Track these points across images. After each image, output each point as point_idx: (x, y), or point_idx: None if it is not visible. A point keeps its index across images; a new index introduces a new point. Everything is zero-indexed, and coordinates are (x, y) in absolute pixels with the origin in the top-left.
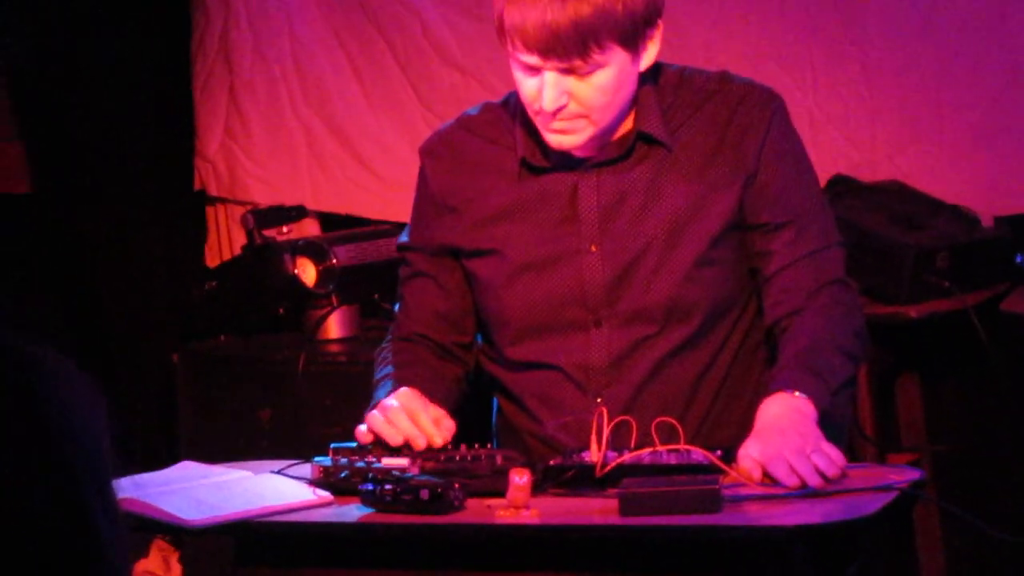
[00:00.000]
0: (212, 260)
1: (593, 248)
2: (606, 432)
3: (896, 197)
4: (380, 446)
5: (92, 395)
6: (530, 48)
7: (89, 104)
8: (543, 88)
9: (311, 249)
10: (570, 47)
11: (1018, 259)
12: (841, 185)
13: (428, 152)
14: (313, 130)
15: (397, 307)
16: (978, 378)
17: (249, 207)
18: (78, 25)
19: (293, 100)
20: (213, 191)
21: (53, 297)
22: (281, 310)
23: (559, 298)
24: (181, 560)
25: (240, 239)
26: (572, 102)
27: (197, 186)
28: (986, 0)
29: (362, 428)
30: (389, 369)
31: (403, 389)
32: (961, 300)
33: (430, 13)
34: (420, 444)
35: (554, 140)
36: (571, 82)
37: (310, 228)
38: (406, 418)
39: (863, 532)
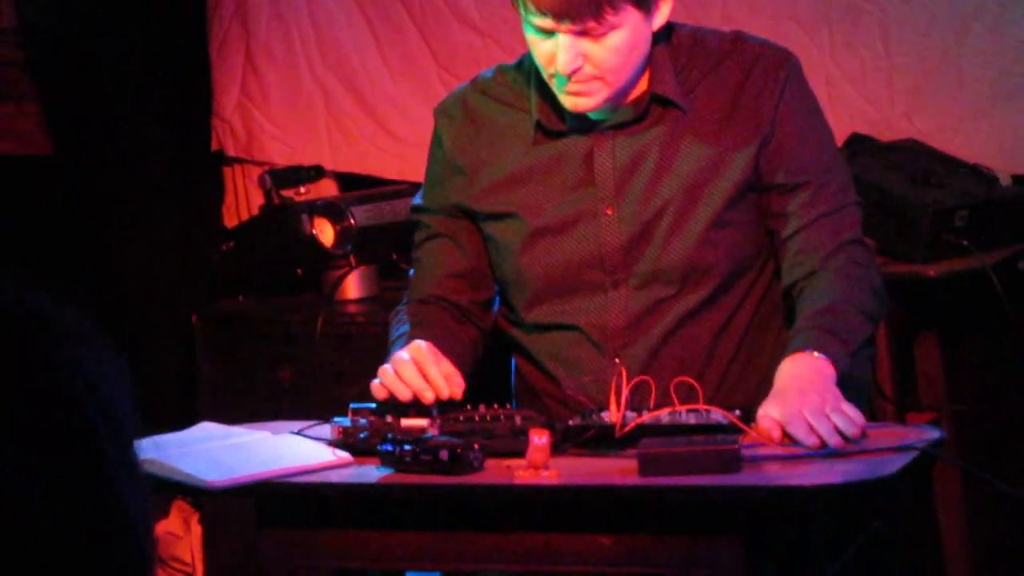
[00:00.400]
0: (230, 220)
1: (609, 211)
2: (625, 392)
3: (913, 156)
4: (395, 407)
5: (113, 356)
6: (543, 11)
7: (106, 65)
8: (557, 51)
9: (329, 209)
10: (584, 9)
11: None
12: (858, 144)
13: (443, 113)
14: (330, 90)
15: (412, 271)
16: (997, 337)
17: (266, 167)
18: None
19: (310, 60)
20: (230, 151)
21: (72, 258)
22: (299, 271)
23: (577, 260)
24: (201, 521)
25: (258, 199)
26: (587, 64)
27: (215, 146)
28: None
29: (376, 383)
30: (404, 328)
31: (415, 342)
32: (979, 259)
33: None
34: (428, 397)
35: (569, 102)
36: (585, 44)
37: (328, 188)
38: (415, 370)
39: (883, 492)
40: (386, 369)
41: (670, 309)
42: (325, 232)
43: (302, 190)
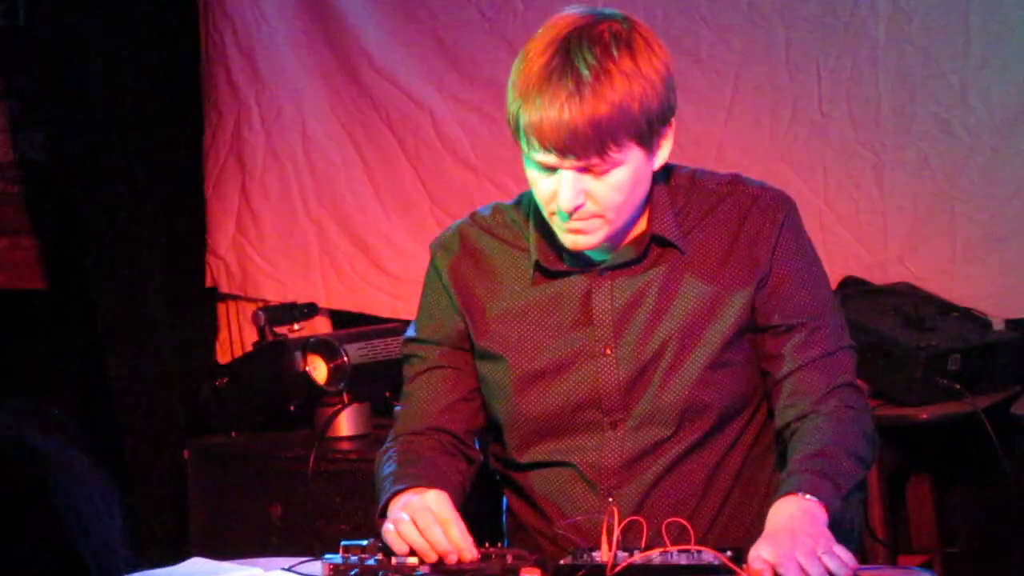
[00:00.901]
0: (224, 356)
1: (608, 351)
2: (616, 532)
3: (907, 299)
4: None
5: (105, 490)
6: (547, 147)
7: (102, 199)
8: (560, 187)
9: (322, 347)
10: (588, 145)
11: None
12: (852, 287)
13: (441, 247)
14: (324, 228)
15: (399, 407)
16: (989, 481)
17: (260, 304)
18: (92, 120)
19: (304, 198)
20: (225, 288)
21: (66, 393)
22: (292, 407)
23: (574, 402)
24: None
25: (251, 336)
26: (589, 201)
27: (209, 283)
28: (999, 100)
29: (390, 530)
30: (392, 467)
31: (433, 493)
32: (972, 403)
33: (441, 112)
34: (452, 560)
35: (570, 240)
36: (588, 180)
37: (321, 326)
38: (440, 531)
39: None
40: (406, 523)
41: (667, 450)
42: (318, 369)
43: (296, 327)
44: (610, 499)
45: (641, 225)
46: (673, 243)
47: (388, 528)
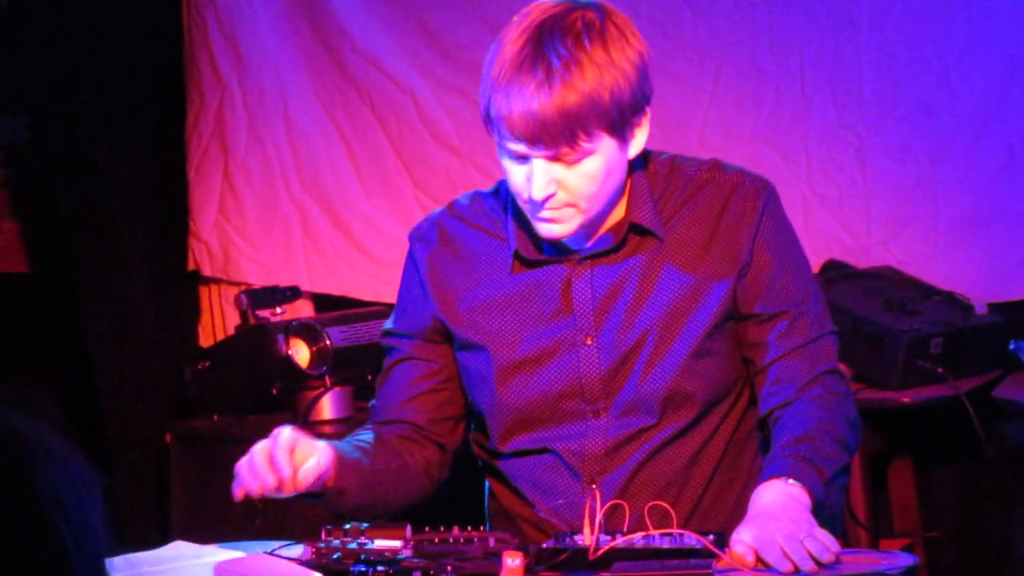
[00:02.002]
0: (206, 340)
1: (589, 341)
2: (599, 515)
3: (889, 283)
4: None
5: (87, 474)
6: (517, 136)
7: (85, 183)
8: (531, 176)
9: (305, 330)
10: (557, 135)
11: (1011, 346)
12: (834, 271)
13: (419, 238)
14: (307, 211)
15: (374, 401)
16: (971, 464)
17: (243, 287)
18: (74, 103)
19: (287, 181)
20: (207, 271)
21: (48, 376)
22: (275, 390)
23: (557, 392)
24: None
25: (234, 319)
26: (561, 190)
27: (191, 266)
28: (982, 85)
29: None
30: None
31: (278, 429)
32: (954, 387)
33: (424, 94)
34: (256, 488)
35: (544, 229)
36: (559, 170)
37: (304, 309)
38: (262, 458)
39: None
40: (243, 458)
41: (649, 438)
42: (301, 352)
43: (278, 310)
44: (593, 485)
45: (619, 213)
46: (652, 231)
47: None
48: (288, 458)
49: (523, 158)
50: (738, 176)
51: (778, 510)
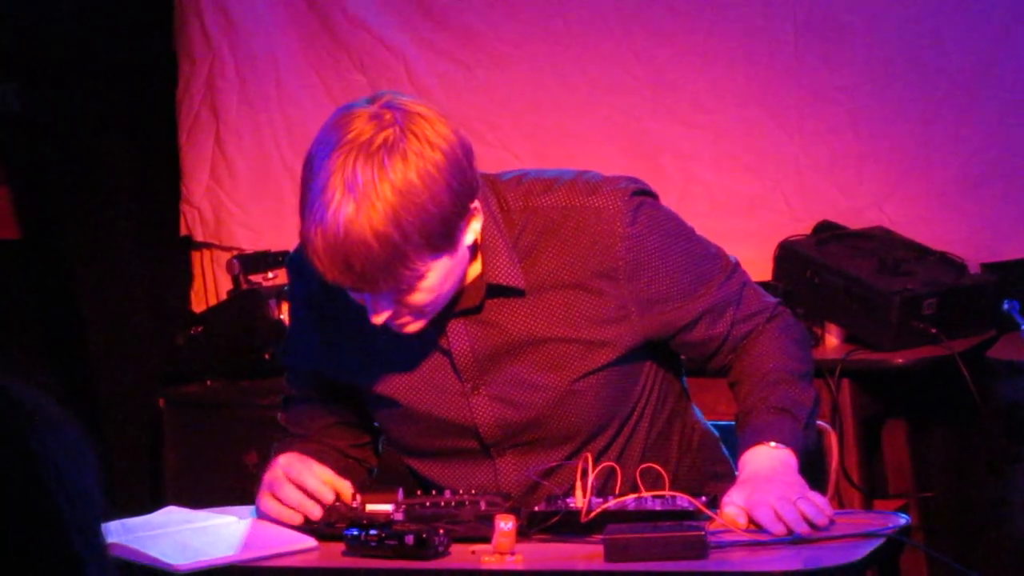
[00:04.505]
0: (198, 305)
1: (478, 391)
2: (591, 478)
3: (882, 243)
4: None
5: (81, 440)
6: (339, 283)
7: (75, 149)
8: (368, 306)
9: None
10: (378, 281)
11: (1005, 306)
12: (827, 231)
13: (296, 273)
14: (299, 176)
15: (282, 417)
16: (965, 425)
17: (235, 252)
18: (64, 71)
19: (279, 146)
20: (199, 237)
21: (40, 342)
22: (267, 355)
23: (456, 434)
24: None
25: (226, 284)
26: (401, 308)
27: (183, 232)
28: (974, 45)
29: (266, 505)
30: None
31: (281, 457)
32: (948, 347)
33: (415, 58)
34: (315, 513)
35: (396, 331)
36: (393, 297)
37: None
38: (293, 489)
39: None
40: (266, 500)
41: (560, 470)
42: None
43: (270, 275)
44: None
45: (477, 268)
46: (513, 289)
47: (260, 509)
48: (319, 483)
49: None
50: (597, 200)
51: (769, 473)
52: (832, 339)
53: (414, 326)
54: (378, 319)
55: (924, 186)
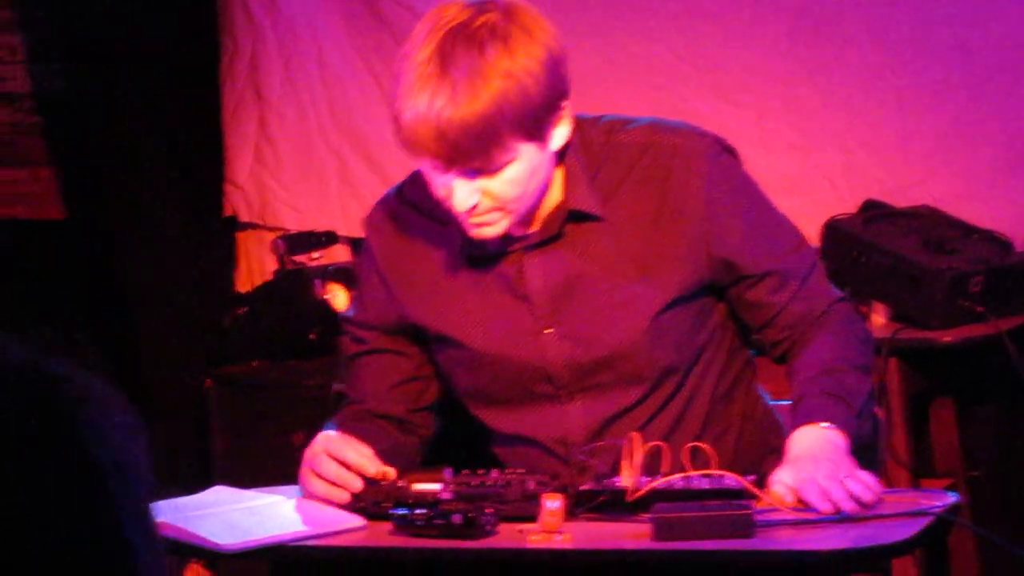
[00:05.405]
0: (243, 286)
1: (548, 330)
2: (638, 457)
3: (928, 222)
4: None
5: (130, 420)
6: (430, 156)
7: (119, 130)
8: (452, 189)
9: (341, 275)
10: (470, 153)
11: None
12: (873, 210)
13: (371, 225)
14: (343, 156)
15: (342, 386)
16: (1012, 402)
17: (279, 233)
18: (108, 51)
19: (322, 126)
20: (244, 217)
21: (87, 323)
22: (312, 335)
23: (528, 377)
24: None
25: (271, 265)
26: (484, 198)
27: (227, 212)
28: (1019, 20)
29: (307, 481)
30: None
31: (321, 434)
32: (995, 325)
33: None
34: (355, 486)
35: (474, 233)
36: (479, 181)
37: (340, 254)
38: (332, 463)
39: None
40: (305, 474)
41: (628, 415)
42: (337, 297)
43: (315, 255)
44: (583, 468)
45: (557, 197)
46: (592, 215)
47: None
48: (360, 457)
49: (441, 170)
50: (678, 139)
51: (817, 452)
52: (879, 318)
53: (492, 229)
54: (462, 204)
55: (970, 164)
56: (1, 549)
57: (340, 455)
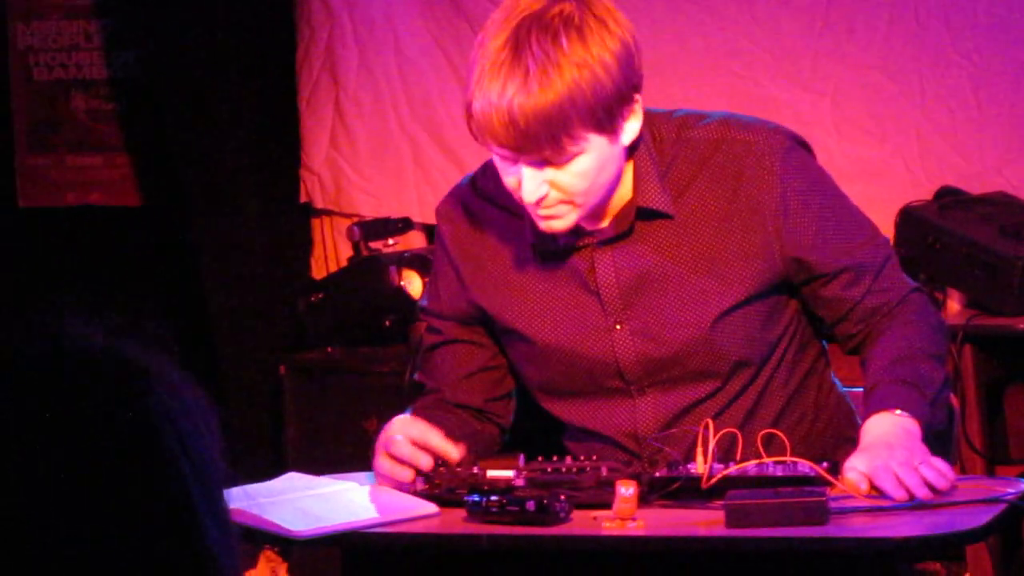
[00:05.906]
0: (318, 272)
1: (619, 326)
2: (712, 444)
3: (1004, 209)
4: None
5: (204, 406)
6: (500, 144)
7: (196, 116)
8: (522, 179)
9: (417, 261)
10: (540, 141)
11: None
12: (949, 197)
13: (444, 216)
14: (418, 142)
15: (419, 375)
16: None
17: (355, 219)
18: (185, 37)
19: (398, 112)
20: (319, 203)
21: (162, 309)
22: (387, 322)
23: (599, 372)
24: (289, 571)
25: (346, 251)
26: (553, 189)
27: (303, 198)
28: None
29: (380, 463)
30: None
31: (396, 418)
32: None
33: None
34: (426, 465)
35: (543, 225)
36: (548, 171)
37: (416, 240)
38: (404, 443)
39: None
40: (380, 459)
41: (699, 411)
42: (413, 283)
43: (390, 242)
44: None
45: (627, 194)
46: (662, 213)
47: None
48: (440, 438)
49: (511, 159)
50: (751, 135)
51: (891, 440)
52: (954, 304)
53: (561, 222)
54: (531, 195)
55: None
56: (75, 519)
57: (408, 434)
